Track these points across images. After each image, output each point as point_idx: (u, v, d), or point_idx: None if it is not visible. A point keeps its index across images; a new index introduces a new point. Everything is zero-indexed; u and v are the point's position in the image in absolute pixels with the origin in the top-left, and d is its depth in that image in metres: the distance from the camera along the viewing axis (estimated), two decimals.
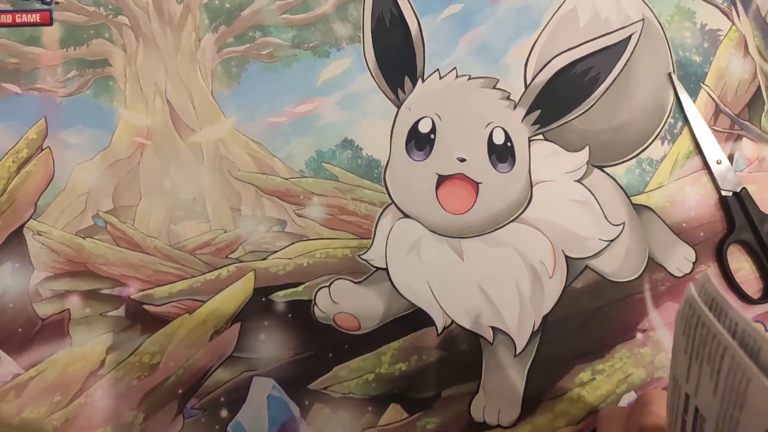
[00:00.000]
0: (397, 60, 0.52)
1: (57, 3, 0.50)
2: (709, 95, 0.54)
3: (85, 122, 0.49)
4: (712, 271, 0.52)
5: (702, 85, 0.55)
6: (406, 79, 0.52)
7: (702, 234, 0.53)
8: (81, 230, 0.48)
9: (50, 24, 0.50)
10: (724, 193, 0.53)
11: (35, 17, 0.49)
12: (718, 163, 0.53)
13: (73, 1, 0.50)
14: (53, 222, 0.48)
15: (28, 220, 0.48)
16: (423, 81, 0.52)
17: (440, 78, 0.52)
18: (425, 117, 0.51)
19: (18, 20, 0.49)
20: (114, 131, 0.49)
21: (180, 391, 0.47)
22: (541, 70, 0.53)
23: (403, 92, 0.52)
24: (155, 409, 0.47)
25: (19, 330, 0.47)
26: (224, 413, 0.47)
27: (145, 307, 0.48)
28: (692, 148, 0.54)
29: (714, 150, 0.53)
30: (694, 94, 0.54)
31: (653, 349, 0.51)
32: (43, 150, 0.49)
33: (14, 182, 0.48)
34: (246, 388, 0.48)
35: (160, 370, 0.47)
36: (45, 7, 0.50)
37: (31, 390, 0.46)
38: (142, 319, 0.48)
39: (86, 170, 0.49)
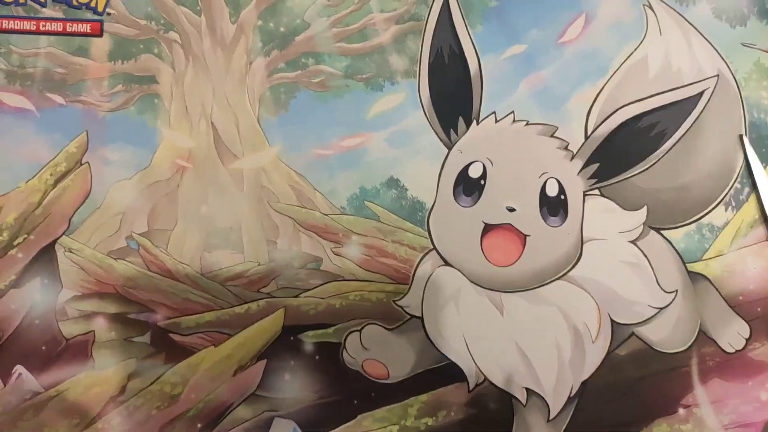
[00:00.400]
0: (453, 99, 0.50)
1: (108, 14, 0.49)
2: None
3: (126, 139, 0.48)
4: (766, 349, 0.49)
5: None
6: (460, 119, 0.49)
7: (759, 309, 0.50)
8: (113, 251, 0.47)
9: (100, 35, 0.49)
10: None
11: (86, 27, 0.48)
12: None
13: (125, 14, 0.49)
14: (86, 240, 0.47)
15: (60, 236, 0.47)
16: (478, 123, 0.50)
17: (496, 121, 0.50)
18: (476, 161, 0.49)
19: (69, 29, 0.48)
20: (155, 151, 0.49)
21: (199, 425, 0.47)
22: (604, 121, 0.50)
23: (456, 133, 0.49)
24: None
25: (43, 348, 0.46)
26: None
27: (171, 335, 0.47)
28: (757, 217, 0.51)
29: None
30: (765, 160, 0.51)
31: (695, 426, 0.48)
32: (81, 165, 0.48)
33: (50, 196, 0.48)
34: (266, 429, 0.47)
35: (181, 402, 0.46)
36: (97, 17, 0.48)
37: (50, 410, 0.46)
38: (167, 347, 0.47)
39: (123, 189, 0.48)
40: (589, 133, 0.50)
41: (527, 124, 0.50)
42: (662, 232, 0.50)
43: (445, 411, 0.47)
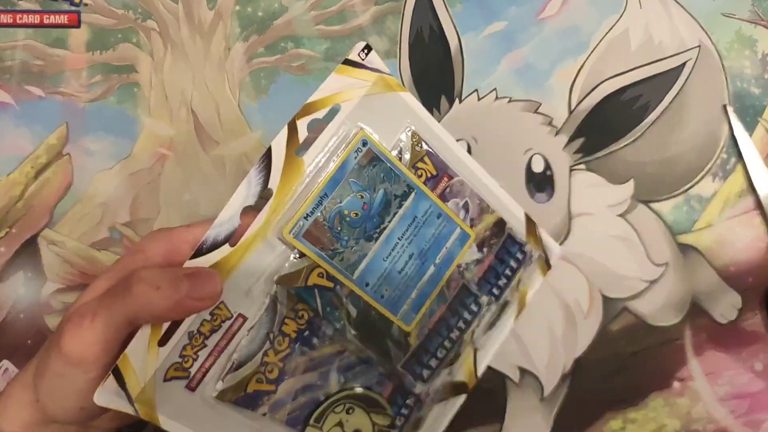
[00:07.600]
0: (434, 78, 0.49)
1: (86, 5, 0.48)
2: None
3: (107, 129, 0.48)
4: (758, 320, 0.49)
5: (759, 119, 0.51)
6: (443, 98, 0.49)
7: (750, 279, 0.49)
8: (96, 242, 0.47)
9: (78, 26, 0.48)
10: None
11: (63, 18, 0.48)
12: None
13: (102, 4, 0.49)
14: (68, 232, 0.46)
15: (43, 229, 0.47)
16: (460, 101, 0.49)
17: (479, 99, 0.49)
18: (460, 140, 0.48)
19: (46, 21, 0.48)
20: (136, 140, 0.48)
21: None
22: (587, 95, 0.50)
23: (439, 112, 0.49)
24: None
25: (29, 342, 0.45)
26: None
27: None
28: (745, 187, 0.50)
29: None
30: (750, 129, 0.51)
31: (691, 399, 0.47)
32: (62, 156, 0.47)
33: (31, 189, 0.47)
34: None
35: None
36: (73, 8, 0.48)
37: None
38: None
39: (105, 179, 0.47)
40: (572, 108, 0.49)
41: (510, 101, 0.50)
42: (650, 204, 0.49)
43: None
